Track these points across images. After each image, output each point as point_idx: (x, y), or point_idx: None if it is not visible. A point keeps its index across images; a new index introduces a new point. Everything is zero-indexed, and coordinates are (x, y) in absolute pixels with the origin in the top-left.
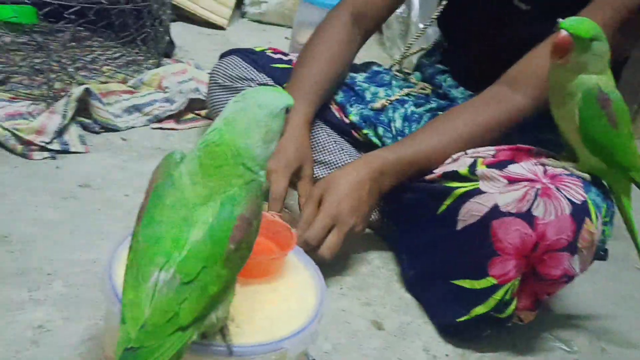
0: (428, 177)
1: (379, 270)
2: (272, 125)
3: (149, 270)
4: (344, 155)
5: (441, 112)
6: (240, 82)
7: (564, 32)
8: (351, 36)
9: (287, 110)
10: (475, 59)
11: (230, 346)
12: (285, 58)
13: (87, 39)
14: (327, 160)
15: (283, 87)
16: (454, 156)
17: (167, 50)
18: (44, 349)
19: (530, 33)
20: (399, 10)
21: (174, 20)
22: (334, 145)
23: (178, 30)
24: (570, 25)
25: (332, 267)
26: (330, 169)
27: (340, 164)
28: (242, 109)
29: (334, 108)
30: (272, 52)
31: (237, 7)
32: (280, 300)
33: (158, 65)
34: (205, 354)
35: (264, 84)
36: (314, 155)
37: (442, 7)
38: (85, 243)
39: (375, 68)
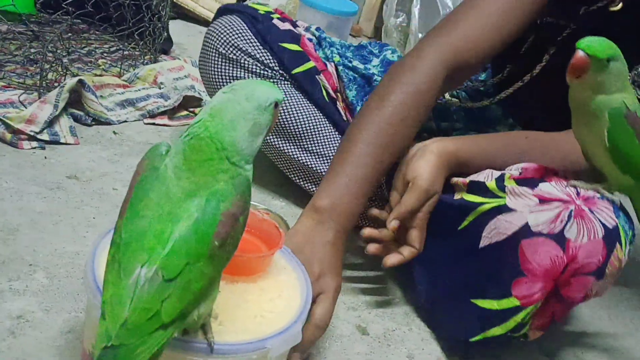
0: (454, 181)
1: (366, 275)
2: (259, 119)
3: (131, 266)
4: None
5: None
6: (242, 55)
7: (580, 53)
8: (437, 89)
9: (276, 104)
10: (545, 110)
11: (211, 343)
12: (295, 31)
13: (83, 31)
14: (328, 154)
15: (345, 91)
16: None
17: (165, 47)
18: (21, 340)
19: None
20: (398, 19)
21: (173, 18)
22: (338, 142)
23: (177, 28)
24: (587, 45)
25: None
26: (328, 164)
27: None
28: (230, 100)
29: (340, 106)
30: (279, 18)
31: None
32: (266, 299)
33: (154, 61)
34: (186, 350)
35: (268, 67)
36: (315, 148)
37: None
38: (70, 235)
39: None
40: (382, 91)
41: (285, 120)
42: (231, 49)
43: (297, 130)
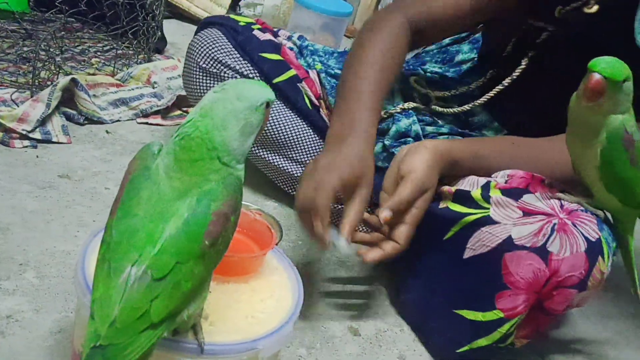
0: (441, 189)
1: (358, 276)
2: (250, 119)
3: (122, 265)
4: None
5: (454, 136)
6: (222, 67)
7: (597, 76)
8: (405, 40)
9: (268, 104)
10: (532, 114)
11: (202, 344)
12: (275, 41)
13: (77, 30)
14: (307, 161)
15: (328, 97)
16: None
17: (158, 46)
18: (11, 340)
19: (588, 38)
20: None
21: (167, 17)
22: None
23: (171, 27)
24: (603, 68)
25: (310, 271)
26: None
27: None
28: (220, 100)
29: (324, 113)
30: (259, 29)
31: (232, 7)
32: (257, 300)
33: (148, 60)
34: (176, 350)
35: (248, 78)
36: (301, 157)
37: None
38: (61, 234)
39: None
40: (360, 44)
41: (269, 130)
42: (212, 62)
43: (281, 140)
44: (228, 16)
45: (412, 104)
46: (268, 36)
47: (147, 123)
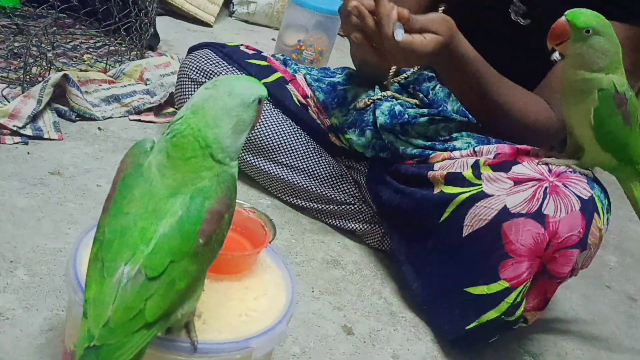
0: (431, 175)
1: (352, 275)
2: (243, 116)
3: (115, 264)
4: (322, 162)
5: (435, 117)
6: (212, 76)
7: (562, 19)
8: None
9: (260, 101)
10: None
11: (195, 342)
12: (262, 54)
13: (69, 25)
14: (303, 167)
15: (316, 94)
16: (454, 155)
17: (151, 43)
18: (1, 338)
19: (529, 48)
20: None
21: (161, 14)
22: (312, 151)
23: (164, 24)
24: (570, 13)
25: (304, 270)
26: (307, 176)
27: (317, 171)
28: (212, 96)
29: (312, 111)
30: (245, 48)
31: (226, 5)
32: (250, 298)
33: (141, 57)
34: (169, 349)
35: None
36: (290, 161)
37: None
38: (52, 231)
39: (352, 72)
40: None
41: (258, 134)
42: (201, 73)
43: (270, 143)
44: (217, 42)
45: (389, 92)
46: (253, 52)
47: (139, 120)
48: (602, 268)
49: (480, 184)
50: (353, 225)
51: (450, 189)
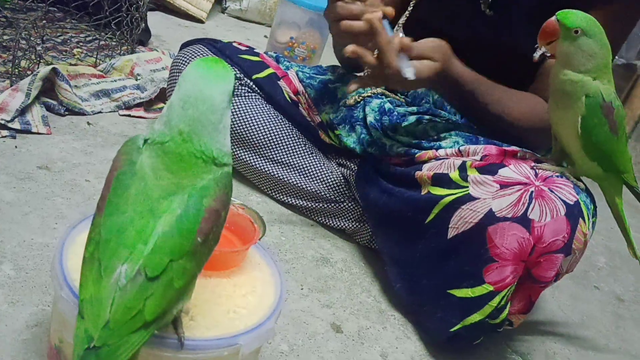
0: (418, 175)
1: (341, 273)
2: (224, 117)
3: (112, 264)
4: (312, 158)
5: (424, 116)
6: None
7: (552, 18)
8: None
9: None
10: None
11: (182, 339)
12: (254, 51)
13: (59, 19)
14: (293, 163)
15: (307, 90)
16: (439, 154)
17: (142, 38)
18: None
19: (496, 39)
20: None
21: (152, 9)
22: (303, 148)
23: (156, 20)
24: (561, 12)
25: (293, 267)
26: (297, 172)
27: (308, 168)
28: (192, 115)
29: (302, 108)
30: (238, 45)
31: (218, 1)
32: (239, 295)
33: (131, 52)
34: (156, 345)
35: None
36: (281, 157)
37: (408, 12)
38: (39, 226)
39: (342, 71)
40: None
41: (249, 129)
42: None
43: (261, 138)
44: (210, 38)
45: (379, 90)
46: (245, 48)
47: (129, 115)
48: (591, 269)
49: (467, 187)
50: (343, 223)
51: (437, 190)
